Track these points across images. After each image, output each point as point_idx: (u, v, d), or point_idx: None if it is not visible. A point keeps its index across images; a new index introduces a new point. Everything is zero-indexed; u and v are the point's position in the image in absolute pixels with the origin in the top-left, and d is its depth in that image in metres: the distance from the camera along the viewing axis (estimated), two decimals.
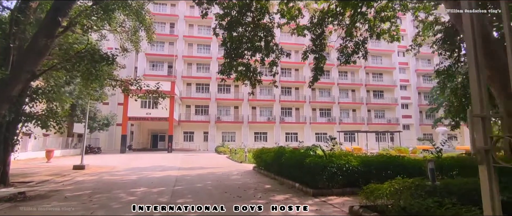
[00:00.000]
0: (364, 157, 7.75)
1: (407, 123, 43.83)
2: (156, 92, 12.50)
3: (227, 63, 11.13)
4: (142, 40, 16.89)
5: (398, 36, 12.98)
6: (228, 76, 11.31)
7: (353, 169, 7.07)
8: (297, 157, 8.05)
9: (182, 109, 38.87)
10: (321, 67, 11.01)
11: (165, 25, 40.52)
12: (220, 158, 21.80)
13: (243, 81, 11.96)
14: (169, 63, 39.31)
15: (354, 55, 11.16)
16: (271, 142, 38.71)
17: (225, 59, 11.04)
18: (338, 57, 11.35)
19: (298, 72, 42.55)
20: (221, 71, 10.97)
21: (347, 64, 11.28)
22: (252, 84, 11.80)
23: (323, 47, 10.91)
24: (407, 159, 7.90)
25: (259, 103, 40.41)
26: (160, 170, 13.13)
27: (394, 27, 12.83)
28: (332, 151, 8.00)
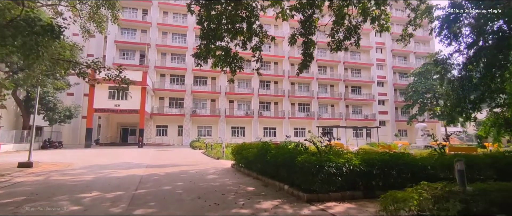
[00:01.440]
0: (366, 155, 6.64)
1: (383, 119, 44.38)
2: (119, 77, 10.41)
3: (204, 46, 9.62)
4: (107, 21, 14.72)
5: (387, 25, 12.06)
6: (205, 61, 9.83)
7: (355, 169, 5.93)
8: (286, 154, 6.81)
9: (155, 101, 36.53)
10: (311, 53, 9.83)
11: (137, 11, 37.73)
12: (195, 153, 20.21)
13: (222, 68, 10.50)
14: (141, 52, 36.69)
15: (345, 41, 10.08)
16: (249, 137, 37.54)
17: (201, 41, 9.52)
18: (328, 42, 10.19)
19: (278, 66, 41.52)
20: (197, 55, 9.47)
21: (338, 50, 10.19)
22: (232, 71, 10.38)
23: (313, 30, 9.71)
24: (412, 157, 6.88)
25: (237, 97, 38.97)
26: (124, 167, 11.42)
27: (384, 16, 11.87)
28: (327, 147, 6.82)
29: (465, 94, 9.85)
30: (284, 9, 10.74)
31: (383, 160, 6.32)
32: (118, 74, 10.77)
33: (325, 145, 6.81)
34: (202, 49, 9.43)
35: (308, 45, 9.72)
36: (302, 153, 6.67)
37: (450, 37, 9.43)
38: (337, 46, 10.01)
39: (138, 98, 29.79)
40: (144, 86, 29.84)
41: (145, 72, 30.63)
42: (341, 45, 10.05)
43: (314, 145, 6.91)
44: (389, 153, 6.81)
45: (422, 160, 6.77)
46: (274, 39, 10.21)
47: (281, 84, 40.94)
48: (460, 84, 9.84)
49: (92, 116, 28.71)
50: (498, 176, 6.16)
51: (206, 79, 38.77)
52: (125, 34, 36.77)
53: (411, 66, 46.08)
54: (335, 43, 9.96)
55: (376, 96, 43.92)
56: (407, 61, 47.18)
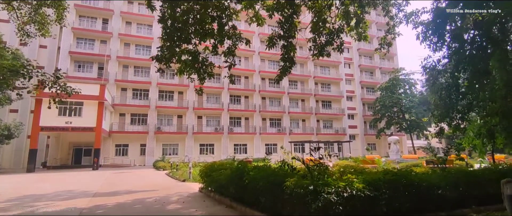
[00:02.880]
0: (369, 176, 5.39)
1: (353, 133, 44.77)
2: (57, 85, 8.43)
3: (167, 48, 8.07)
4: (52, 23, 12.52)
5: (365, 34, 11.43)
6: (167, 66, 8.25)
7: (358, 194, 4.64)
8: (270, 177, 5.37)
9: (115, 118, 33.40)
10: (291, 57, 8.67)
11: (97, 20, 34.96)
12: (158, 175, 17.97)
13: (189, 75, 8.97)
14: (100, 64, 33.70)
15: (328, 47, 9.11)
16: (219, 154, 35.52)
17: (163, 42, 7.98)
18: (310, 47, 9.14)
19: (248, 80, 40.51)
20: (157, 58, 7.88)
21: (320, 57, 9.18)
22: (200, 78, 8.91)
23: (293, 33, 8.60)
24: (420, 175, 5.77)
25: (206, 112, 37.05)
26: (64, 198, 9.19)
27: (363, 24, 11.20)
28: (318, 168, 5.48)
29: (453, 103, 9.21)
30: (258, 12, 9.56)
31: (390, 181, 5.12)
32: (55, 80, 8.54)
33: (318, 164, 5.49)
34: (164, 52, 7.85)
35: (289, 49, 8.57)
36: (289, 174, 5.28)
37: (435, 43, 8.85)
38: (319, 51, 9.00)
39: (94, 114, 26.81)
40: (101, 101, 26.99)
41: (103, 85, 27.82)
42: (324, 50, 9.05)
43: (303, 163, 5.54)
44: (393, 172, 5.64)
45: (425, 178, 5.66)
46: (249, 43, 8.93)
47: (252, 99, 39.81)
48: (447, 93, 9.21)
49: (37, 135, 25.10)
50: None
51: (173, 94, 36.50)
52: (81, 45, 33.69)
53: (377, 81, 47.57)
54: (317, 47, 8.94)
55: (345, 110, 44.38)
56: (373, 76, 48.69)
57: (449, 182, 5.70)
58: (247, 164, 7.04)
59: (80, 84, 28.63)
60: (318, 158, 5.83)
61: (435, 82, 9.47)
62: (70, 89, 9.46)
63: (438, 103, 9.65)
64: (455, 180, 5.86)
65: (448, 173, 6.19)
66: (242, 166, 6.75)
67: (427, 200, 5.43)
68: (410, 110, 40.71)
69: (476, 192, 5.88)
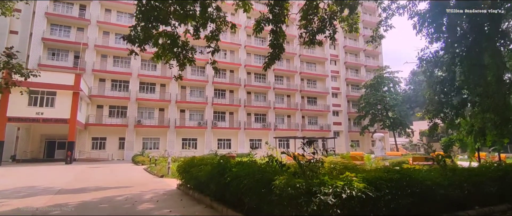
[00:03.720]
0: (370, 174, 4.76)
1: (337, 129, 44.84)
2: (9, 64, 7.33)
3: (142, 28, 7.14)
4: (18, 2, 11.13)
5: (357, 26, 10.89)
6: (141, 48, 7.33)
7: (359, 195, 3.99)
8: (256, 174, 4.64)
9: (92, 110, 31.68)
10: (281, 43, 7.94)
11: (73, 6, 32.89)
12: (136, 170, 16.91)
13: (167, 60, 8.08)
14: (76, 53, 31.76)
15: (319, 34, 8.45)
16: (202, 149, 34.55)
17: (137, 21, 7.04)
18: (300, 34, 8.44)
19: (233, 74, 39.57)
20: (130, 38, 6.94)
21: (311, 44, 8.51)
22: (180, 64, 8.04)
23: (283, 18, 7.87)
24: (423, 174, 5.21)
25: (189, 105, 35.87)
26: (22, 195, 8.13)
27: (354, 15, 10.64)
28: (311, 163, 4.80)
29: (447, 98, 8.81)
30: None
31: (392, 180, 4.51)
32: (7, 61, 7.42)
33: (311, 159, 4.81)
34: (137, 32, 6.92)
35: (278, 35, 7.83)
36: (278, 171, 4.57)
37: (432, 34, 8.39)
38: (310, 39, 8.32)
39: (68, 105, 25.14)
40: (76, 91, 25.33)
41: (78, 75, 26.10)
42: (315, 38, 8.38)
43: (295, 159, 4.84)
44: (396, 170, 5.04)
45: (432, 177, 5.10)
46: (235, 27, 8.12)
47: (237, 94, 38.94)
48: (442, 88, 8.79)
49: (4, 126, 23.22)
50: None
51: (154, 86, 35.07)
52: (56, 31, 31.61)
53: (362, 78, 47.81)
54: (308, 35, 8.25)
55: (330, 107, 44.34)
56: (359, 74, 48.90)
57: (453, 181, 5.19)
58: (229, 159, 6.28)
59: (53, 72, 26.95)
60: (311, 153, 5.14)
61: (432, 75, 9.03)
62: (27, 72, 8.27)
63: (432, 98, 9.24)
64: (460, 179, 5.36)
65: (452, 171, 5.68)
66: (224, 162, 5.98)
67: (430, 201, 4.89)
68: (394, 107, 41.12)
69: (480, 192, 5.41)
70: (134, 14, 6.93)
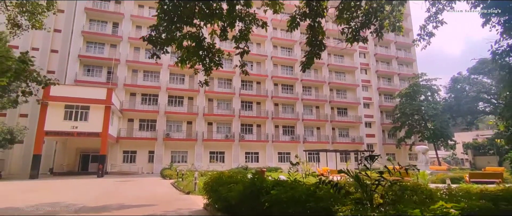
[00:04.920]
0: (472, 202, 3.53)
1: (370, 142, 42.21)
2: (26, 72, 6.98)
3: (164, 28, 6.52)
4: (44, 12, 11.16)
5: (400, 24, 9.61)
6: (163, 50, 6.69)
7: None
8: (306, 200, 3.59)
9: (123, 123, 32.31)
10: (320, 40, 6.95)
11: (107, 24, 34.37)
12: (163, 185, 16.38)
13: (192, 65, 7.39)
14: (109, 68, 32.87)
15: (364, 30, 7.37)
16: (229, 163, 33.79)
17: (159, 20, 6.43)
18: (342, 30, 7.41)
19: (260, 85, 38.91)
20: (151, 39, 6.31)
21: (355, 41, 7.44)
22: (206, 68, 7.30)
23: (321, 11, 6.92)
24: None
25: (216, 118, 35.54)
26: (41, 213, 7.64)
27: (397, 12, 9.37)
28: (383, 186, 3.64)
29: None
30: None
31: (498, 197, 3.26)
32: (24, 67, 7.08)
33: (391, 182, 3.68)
34: (158, 31, 6.29)
35: (316, 31, 6.87)
36: (335, 197, 3.49)
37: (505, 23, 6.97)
38: (353, 36, 7.26)
39: (101, 119, 25.67)
40: (108, 106, 25.85)
41: (110, 89, 26.75)
42: (358, 34, 7.32)
43: (356, 180, 3.72)
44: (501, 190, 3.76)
45: None
46: (266, 25, 7.28)
47: (264, 105, 38.11)
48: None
49: (41, 140, 24.08)
50: None
51: (182, 99, 35.25)
52: (91, 49, 33.05)
53: (396, 87, 45.12)
54: (351, 31, 7.22)
55: (362, 118, 41.99)
56: (391, 83, 46.24)
57: None
58: (264, 177, 5.27)
59: (86, 87, 27.90)
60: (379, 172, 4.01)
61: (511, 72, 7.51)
62: (44, 80, 7.93)
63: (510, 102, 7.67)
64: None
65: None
66: (258, 181, 4.98)
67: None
68: (433, 118, 37.89)
69: None
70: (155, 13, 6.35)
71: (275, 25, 41.24)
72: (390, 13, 9.20)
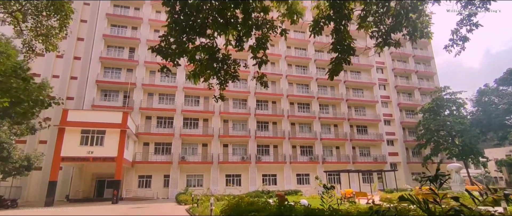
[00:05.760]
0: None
1: (394, 161, 39.98)
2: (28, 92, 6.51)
3: (174, 40, 5.98)
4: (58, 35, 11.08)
5: (428, 30, 8.77)
6: (175, 63, 6.11)
7: None
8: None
9: (139, 147, 32.07)
10: (349, 44, 6.21)
11: (124, 49, 35.21)
12: (177, 211, 15.49)
13: (206, 79, 6.77)
14: (125, 92, 33.22)
15: (395, 32, 6.59)
16: (246, 186, 32.55)
17: (169, 30, 5.90)
18: (372, 33, 6.65)
19: (276, 105, 38.19)
20: (160, 50, 5.76)
21: (386, 46, 6.66)
22: (221, 82, 6.66)
23: (347, 14, 6.22)
24: None
25: (231, 140, 34.77)
26: None
27: (424, 18, 8.57)
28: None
29: None
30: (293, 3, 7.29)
31: None
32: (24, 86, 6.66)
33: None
34: (167, 42, 5.74)
35: (341, 35, 6.15)
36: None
37: None
38: (384, 40, 6.49)
39: (116, 143, 25.46)
40: (123, 129, 25.71)
41: (125, 113, 26.73)
42: (389, 37, 6.54)
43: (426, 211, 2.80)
44: None
45: None
46: (285, 33, 6.64)
47: (280, 125, 37.14)
48: None
49: (57, 166, 23.94)
50: None
51: (197, 121, 34.88)
52: (108, 74, 33.70)
53: (417, 103, 43.25)
54: (381, 34, 6.45)
55: (384, 136, 40.08)
56: (412, 98, 44.43)
57: None
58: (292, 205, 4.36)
59: (102, 112, 28.03)
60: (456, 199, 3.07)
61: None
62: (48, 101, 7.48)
63: None
64: None
65: None
66: (286, 210, 4.09)
67: None
68: (461, 133, 35.59)
69: None
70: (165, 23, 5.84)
71: (289, 44, 41.11)
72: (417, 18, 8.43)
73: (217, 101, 7.06)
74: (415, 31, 6.75)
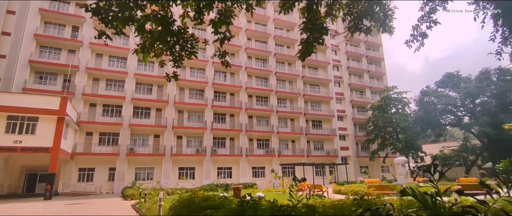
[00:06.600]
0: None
1: (345, 155, 41.91)
2: None
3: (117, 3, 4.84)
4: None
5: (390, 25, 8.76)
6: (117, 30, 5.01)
7: None
8: None
9: (80, 137, 28.89)
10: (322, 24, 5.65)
11: (65, 28, 31.23)
12: (122, 207, 13.98)
13: (157, 55, 5.75)
14: (65, 76, 29.55)
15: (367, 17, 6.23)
16: (200, 180, 31.41)
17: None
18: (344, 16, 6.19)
19: (234, 97, 37.36)
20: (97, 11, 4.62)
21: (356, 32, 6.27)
22: (175, 59, 5.69)
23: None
24: None
25: (186, 131, 33.18)
26: None
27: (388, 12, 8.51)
28: None
29: None
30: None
31: None
32: None
33: None
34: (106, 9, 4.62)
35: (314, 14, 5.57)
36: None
37: None
38: (355, 24, 6.08)
39: (52, 132, 22.44)
40: (61, 116, 22.75)
41: (64, 98, 23.64)
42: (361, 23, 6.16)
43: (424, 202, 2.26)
44: None
45: None
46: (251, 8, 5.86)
47: (238, 118, 36.46)
48: None
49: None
50: None
51: (149, 111, 32.59)
52: (45, 54, 29.62)
53: (367, 100, 45.83)
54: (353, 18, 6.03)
55: (337, 131, 41.77)
56: (363, 96, 46.96)
57: None
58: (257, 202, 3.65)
59: (36, 96, 24.54)
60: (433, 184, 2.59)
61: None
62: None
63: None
64: None
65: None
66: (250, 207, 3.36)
67: None
68: (405, 130, 38.62)
69: None
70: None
71: (249, 35, 40.42)
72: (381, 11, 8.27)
73: (169, 81, 6.06)
74: (386, 18, 6.46)
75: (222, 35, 5.61)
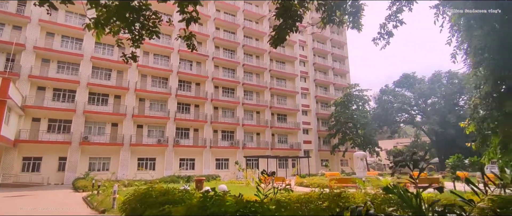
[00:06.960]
0: None
1: (307, 148, 43.13)
2: None
3: None
4: None
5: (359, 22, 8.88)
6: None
7: None
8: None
9: (26, 123, 26.20)
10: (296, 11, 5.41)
11: (8, 3, 27.77)
12: (72, 200, 12.85)
13: (115, 32, 5.13)
14: (8, 55, 26.42)
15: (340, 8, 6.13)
16: (161, 171, 30.27)
17: None
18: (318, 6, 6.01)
19: (200, 87, 36.37)
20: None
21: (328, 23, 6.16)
22: (134, 38, 5.12)
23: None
24: None
25: (147, 120, 31.64)
26: None
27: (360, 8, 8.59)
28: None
29: None
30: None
31: None
32: None
33: None
34: None
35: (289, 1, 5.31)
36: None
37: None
38: (328, 16, 5.95)
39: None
40: (2, 99, 20.28)
41: (6, 79, 21.09)
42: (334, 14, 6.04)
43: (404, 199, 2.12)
44: None
45: None
46: None
47: (203, 108, 35.60)
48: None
49: None
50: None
51: (107, 98, 30.47)
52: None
53: (331, 96, 47.37)
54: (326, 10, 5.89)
55: (301, 125, 42.73)
56: (328, 92, 48.45)
57: None
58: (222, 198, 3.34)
59: None
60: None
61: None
62: None
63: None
64: None
65: None
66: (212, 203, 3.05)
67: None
68: (364, 126, 40.70)
69: None
70: None
71: (218, 25, 39.45)
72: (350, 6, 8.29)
73: (127, 62, 5.43)
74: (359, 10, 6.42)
75: (188, 15, 5.12)
